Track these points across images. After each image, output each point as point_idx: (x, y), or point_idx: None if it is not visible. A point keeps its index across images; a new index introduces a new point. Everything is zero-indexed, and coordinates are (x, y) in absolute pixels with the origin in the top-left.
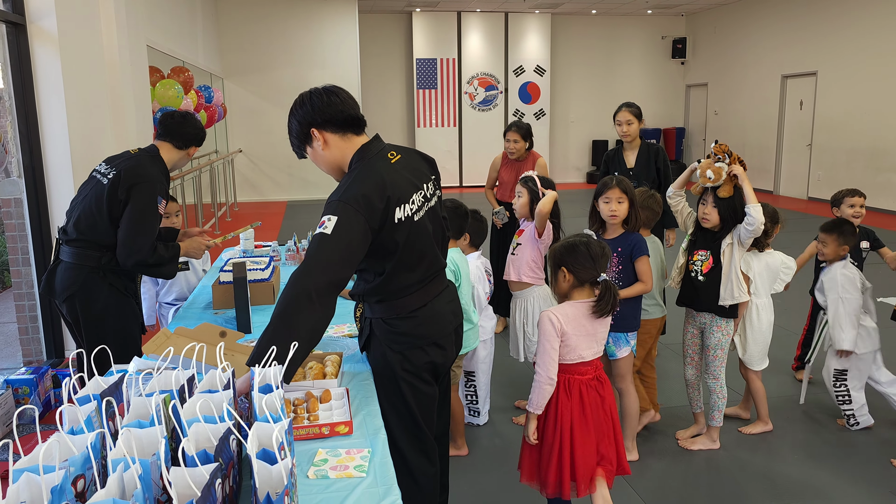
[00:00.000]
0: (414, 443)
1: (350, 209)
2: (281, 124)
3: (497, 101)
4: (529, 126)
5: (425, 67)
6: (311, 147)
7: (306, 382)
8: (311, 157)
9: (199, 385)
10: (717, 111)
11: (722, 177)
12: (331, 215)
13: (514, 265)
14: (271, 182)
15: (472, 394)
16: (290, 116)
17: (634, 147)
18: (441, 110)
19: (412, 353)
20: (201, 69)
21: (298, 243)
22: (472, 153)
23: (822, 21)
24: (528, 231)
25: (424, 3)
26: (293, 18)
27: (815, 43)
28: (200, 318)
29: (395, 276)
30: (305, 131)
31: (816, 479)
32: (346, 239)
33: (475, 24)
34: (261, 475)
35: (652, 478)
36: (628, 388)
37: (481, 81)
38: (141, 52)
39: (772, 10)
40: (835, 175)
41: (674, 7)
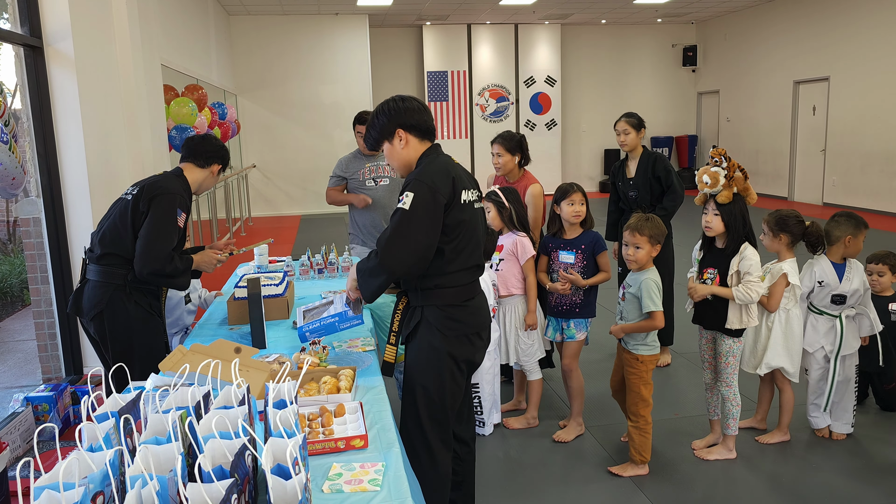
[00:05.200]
0: (437, 429)
1: (425, 186)
2: (294, 139)
3: (508, 112)
4: (520, 138)
5: (436, 80)
6: (390, 143)
7: (321, 397)
8: (387, 151)
9: (214, 401)
10: (730, 118)
11: (719, 181)
12: (409, 192)
13: (501, 279)
14: (285, 196)
15: (476, 404)
16: (378, 113)
17: (636, 157)
18: (453, 122)
19: (460, 342)
20: (215, 86)
21: (312, 258)
22: (485, 164)
23: (833, 27)
24: (507, 246)
25: (434, 16)
26: (305, 34)
27: (826, 48)
28: (216, 335)
29: (455, 260)
30: (392, 129)
31: (837, 490)
32: (424, 211)
33: (485, 36)
34: (275, 491)
35: (667, 488)
36: (576, 367)
37: (492, 93)
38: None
39: (782, 17)
40: (850, 180)
41: (683, 15)
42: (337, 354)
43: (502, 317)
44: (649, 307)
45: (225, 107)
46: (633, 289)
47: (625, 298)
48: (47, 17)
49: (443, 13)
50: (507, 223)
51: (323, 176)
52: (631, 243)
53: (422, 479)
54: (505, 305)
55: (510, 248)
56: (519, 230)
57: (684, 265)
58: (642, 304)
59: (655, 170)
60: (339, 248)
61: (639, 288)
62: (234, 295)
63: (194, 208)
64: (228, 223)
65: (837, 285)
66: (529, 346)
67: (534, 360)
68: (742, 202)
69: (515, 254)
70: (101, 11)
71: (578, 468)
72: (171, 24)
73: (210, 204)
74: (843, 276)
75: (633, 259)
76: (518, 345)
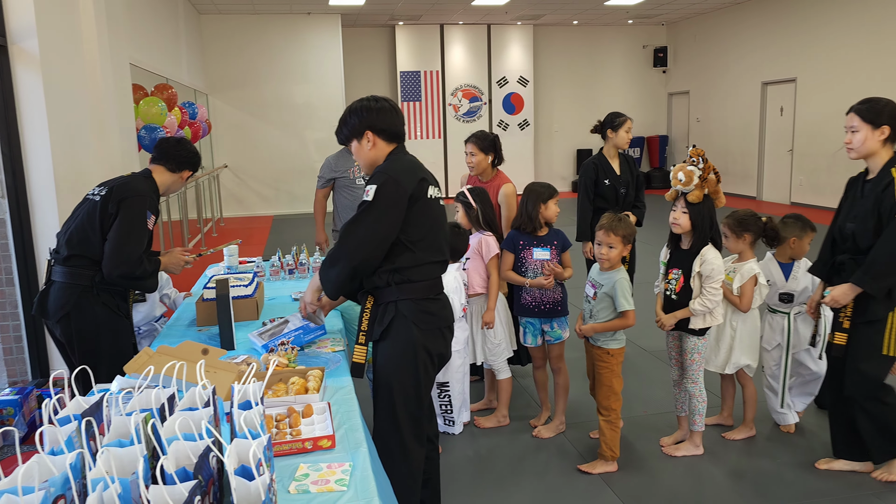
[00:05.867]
0: (413, 424)
1: (388, 178)
2: (266, 138)
3: (481, 113)
4: (494, 137)
5: (409, 80)
6: (359, 143)
7: (288, 398)
8: (355, 150)
9: (179, 403)
10: (700, 118)
11: (693, 181)
12: (372, 184)
13: (468, 279)
14: (257, 197)
15: (446, 403)
16: (350, 112)
17: (615, 156)
18: (426, 122)
19: (434, 335)
20: (185, 86)
21: (283, 258)
22: (458, 164)
23: (799, 29)
24: (472, 245)
25: (407, 16)
26: (276, 34)
27: (793, 50)
28: (184, 336)
29: (425, 253)
30: (362, 130)
31: (802, 484)
32: (386, 202)
33: (458, 37)
34: (239, 491)
35: (635, 484)
36: (564, 365)
37: (465, 93)
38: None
39: (750, 19)
40: (816, 180)
41: (654, 16)
42: (306, 355)
43: (470, 316)
44: (624, 306)
45: (195, 106)
46: (606, 288)
47: (596, 297)
48: (11, 15)
49: (415, 13)
50: (473, 223)
51: (296, 176)
52: (605, 243)
53: (394, 476)
54: (472, 305)
55: (476, 247)
56: (485, 230)
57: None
58: (617, 303)
59: (632, 169)
60: (311, 249)
61: (613, 287)
62: (203, 296)
63: (164, 208)
64: (199, 224)
65: (784, 284)
66: (497, 345)
67: (502, 359)
68: (711, 204)
69: (481, 252)
70: (67, 10)
71: (548, 466)
72: (139, 22)
73: (181, 204)
74: (790, 276)
75: (607, 258)
76: (485, 344)
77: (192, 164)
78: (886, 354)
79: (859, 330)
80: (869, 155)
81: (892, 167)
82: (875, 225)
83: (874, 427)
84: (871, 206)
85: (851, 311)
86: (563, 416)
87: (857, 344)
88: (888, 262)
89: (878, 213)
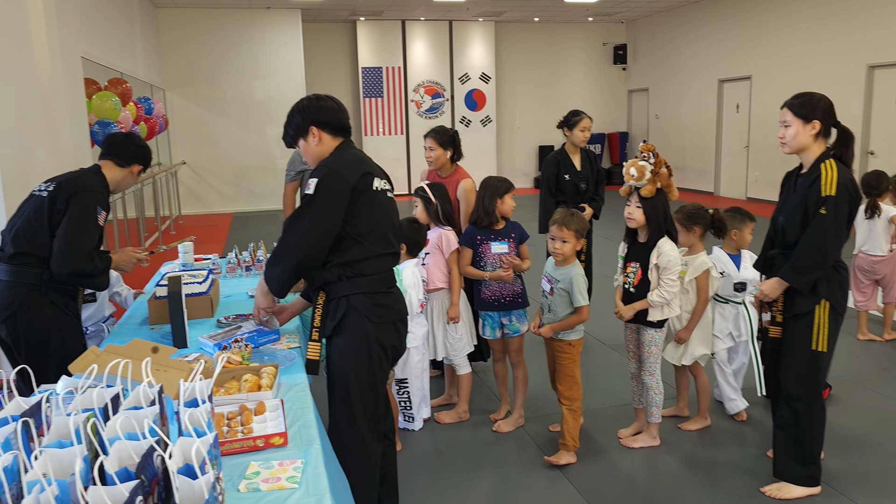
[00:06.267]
0: (369, 419)
1: (329, 170)
2: (226, 134)
3: (444, 109)
4: (453, 133)
5: (371, 76)
6: (305, 140)
7: (241, 395)
8: (303, 148)
9: (124, 402)
10: (659, 115)
11: (645, 175)
12: (313, 178)
13: (428, 273)
14: (217, 194)
15: (405, 400)
16: (294, 111)
17: (576, 151)
18: (388, 118)
19: (387, 329)
20: (141, 80)
21: (240, 255)
22: (420, 160)
23: (754, 27)
24: (432, 240)
25: (368, 11)
26: (235, 28)
27: (748, 48)
28: (136, 335)
29: (375, 246)
30: (306, 127)
31: (755, 473)
32: (327, 194)
33: (420, 33)
34: (182, 490)
35: (593, 476)
36: (523, 359)
37: (427, 89)
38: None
39: (707, 17)
40: (771, 175)
41: (613, 14)
42: (260, 352)
43: (430, 312)
44: (580, 302)
45: (152, 101)
46: (562, 283)
47: (553, 293)
48: None
49: (377, 9)
50: (433, 218)
51: (256, 173)
52: (558, 237)
53: (350, 472)
54: (432, 300)
55: (435, 241)
56: (445, 225)
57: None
58: (573, 298)
59: (593, 164)
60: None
61: (569, 282)
62: (155, 293)
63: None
64: (157, 221)
65: (737, 274)
66: (457, 340)
67: (462, 355)
68: (664, 197)
69: (441, 247)
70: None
71: (508, 460)
72: (92, 15)
73: (137, 202)
74: (741, 266)
75: (560, 252)
76: (446, 339)
77: (142, 159)
78: (816, 350)
79: (789, 324)
80: (801, 149)
81: (822, 162)
82: (802, 219)
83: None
84: (800, 200)
85: (782, 306)
86: (523, 410)
87: (789, 339)
88: (812, 256)
89: (805, 207)
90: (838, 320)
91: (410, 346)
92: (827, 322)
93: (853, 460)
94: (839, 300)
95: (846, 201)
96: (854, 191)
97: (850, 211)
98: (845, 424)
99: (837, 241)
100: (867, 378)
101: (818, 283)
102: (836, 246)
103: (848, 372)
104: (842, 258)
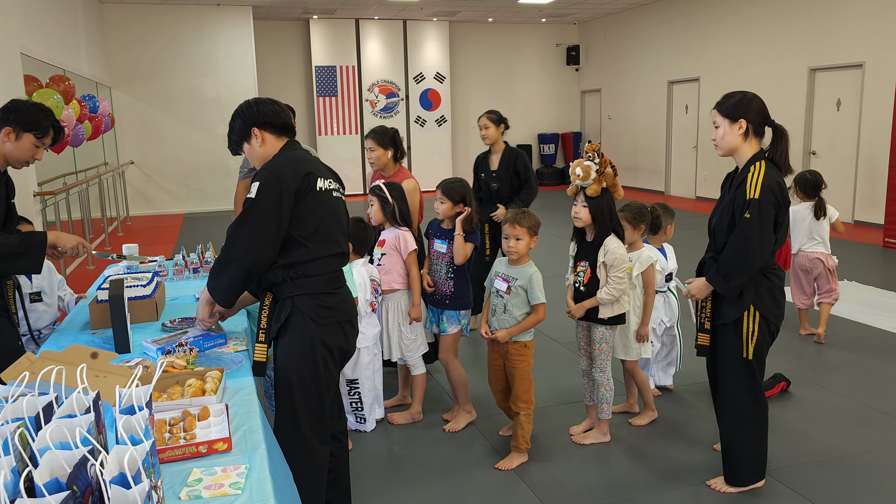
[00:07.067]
0: (314, 422)
1: (271, 174)
2: (175, 134)
3: (399, 108)
4: (393, 132)
5: (325, 75)
6: (248, 143)
7: (183, 401)
8: (248, 152)
9: (58, 410)
10: (611, 116)
11: (591, 175)
12: (255, 181)
13: (383, 274)
14: (167, 194)
15: (356, 401)
16: (234, 117)
17: (498, 151)
18: (342, 118)
19: (332, 330)
20: (85, 78)
21: (187, 257)
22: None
23: (702, 30)
24: (389, 241)
25: (321, 9)
26: (184, 25)
27: (696, 50)
28: (76, 340)
29: (319, 247)
30: (248, 129)
31: (705, 465)
32: (270, 198)
33: (374, 32)
34: (115, 500)
35: (545, 474)
36: (452, 360)
37: (382, 88)
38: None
39: (657, 19)
40: (719, 175)
41: (566, 16)
42: (206, 356)
43: (384, 312)
44: (539, 299)
45: (97, 99)
46: (520, 281)
47: (510, 291)
48: None
49: (329, 7)
50: (389, 218)
51: (206, 173)
52: (511, 235)
53: (297, 474)
54: (388, 301)
55: (392, 242)
56: (401, 225)
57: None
58: (532, 296)
59: (516, 165)
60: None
61: (528, 280)
62: (97, 297)
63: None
64: (104, 223)
65: (667, 265)
66: (413, 340)
67: (418, 355)
68: (610, 196)
69: (398, 248)
70: None
71: (461, 461)
72: (31, 9)
73: (83, 202)
74: (668, 257)
75: (514, 250)
76: (401, 340)
77: (6, 120)
78: (746, 358)
79: (719, 332)
80: (732, 150)
81: (753, 163)
82: (729, 223)
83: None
84: (728, 203)
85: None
86: (469, 406)
87: (720, 346)
88: (735, 261)
89: (732, 210)
90: (770, 329)
91: (361, 347)
92: (756, 331)
93: (797, 452)
94: (769, 308)
95: (771, 205)
96: (781, 194)
97: (777, 214)
98: (788, 418)
99: (763, 246)
100: (809, 372)
101: (744, 289)
102: (761, 251)
103: (790, 366)
104: (776, 264)
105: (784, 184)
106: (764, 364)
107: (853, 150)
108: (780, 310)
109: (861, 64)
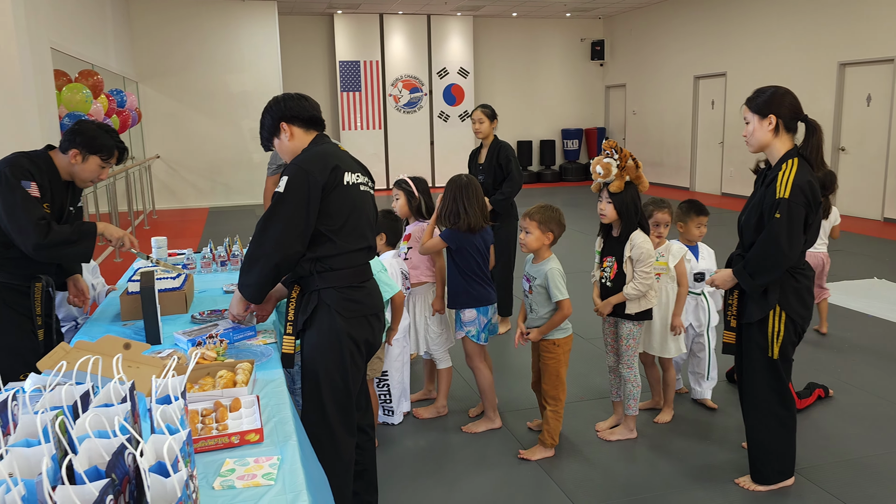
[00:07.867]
0: (341, 414)
1: (299, 169)
2: (200, 128)
3: (422, 104)
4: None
5: (348, 70)
6: (278, 139)
7: (215, 392)
8: (277, 147)
9: (94, 399)
10: (636, 111)
11: (612, 171)
12: (284, 176)
13: (410, 268)
14: (192, 188)
15: (385, 393)
16: (264, 113)
17: (488, 145)
18: (366, 113)
19: (359, 323)
20: (113, 73)
21: (214, 250)
22: (398, 155)
23: (729, 24)
24: (415, 235)
25: (346, 4)
26: (210, 20)
27: (723, 45)
28: (108, 331)
29: (346, 241)
30: (277, 124)
31: (731, 463)
32: (299, 193)
33: (398, 26)
34: (153, 489)
35: (572, 470)
36: (478, 365)
37: (405, 83)
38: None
39: (683, 14)
40: (745, 171)
41: (591, 10)
42: (236, 348)
43: (412, 305)
44: (557, 296)
45: (124, 94)
46: (538, 280)
47: (532, 291)
48: None
49: (354, 2)
50: (414, 212)
51: (231, 167)
52: (523, 228)
53: (324, 466)
54: (415, 294)
55: (418, 236)
56: (427, 219)
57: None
58: (550, 293)
59: (499, 157)
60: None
61: (545, 278)
62: (127, 289)
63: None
64: (130, 216)
65: (696, 263)
66: (438, 334)
67: (443, 349)
68: (634, 190)
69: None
70: None
71: (487, 455)
72: (61, 5)
73: (110, 196)
74: (699, 256)
75: (524, 243)
76: (427, 333)
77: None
78: (771, 357)
79: (745, 331)
80: (763, 146)
81: (785, 161)
82: (757, 222)
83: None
84: (758, 201)
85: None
86: (493, 413)
87: (746, 345)
88: (763, 261)
89: (761, 209)
90: (796, 329)
91: None
92: (782, 331)
93: (827, 451)
94: (795, 308)
95: (801, 205)
96: (812, 193)
97: (808, 214)
98: (818, 417)
99: (792, 247)
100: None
101: (769, 289)
102: (790, 252)
103: (820, 367)
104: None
105: (816, 182)
106: (790, 363)
107: (884, 146)
108: (808, 310)
109: (892, 59)
